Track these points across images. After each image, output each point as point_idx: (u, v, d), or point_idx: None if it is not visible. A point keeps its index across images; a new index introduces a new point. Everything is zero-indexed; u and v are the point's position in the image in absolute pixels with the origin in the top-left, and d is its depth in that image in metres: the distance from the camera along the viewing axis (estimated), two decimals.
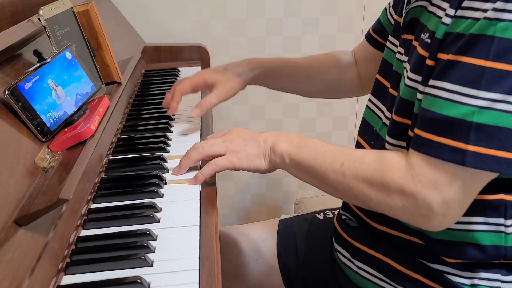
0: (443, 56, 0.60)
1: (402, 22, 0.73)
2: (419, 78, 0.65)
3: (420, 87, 0.64)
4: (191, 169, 0.80)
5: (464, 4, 0.59)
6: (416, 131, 0.62)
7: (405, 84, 0.68)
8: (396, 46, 0.78)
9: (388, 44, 0.82)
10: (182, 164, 0.80)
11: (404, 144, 0.70)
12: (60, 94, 0.75)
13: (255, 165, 0.75)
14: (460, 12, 0.60)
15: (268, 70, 0.99)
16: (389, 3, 0.90)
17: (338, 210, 0.90)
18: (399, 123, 0.69)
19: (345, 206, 0.86)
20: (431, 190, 0.59)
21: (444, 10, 0.62)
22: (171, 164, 0.84)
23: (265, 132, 0.77)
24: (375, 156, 0.66)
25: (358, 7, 1.57)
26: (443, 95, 0.59)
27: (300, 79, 1.01)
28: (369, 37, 0.96)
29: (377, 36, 0.93)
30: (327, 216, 0.99)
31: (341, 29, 1.59)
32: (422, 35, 0.66)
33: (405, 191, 0.61)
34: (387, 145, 0.73)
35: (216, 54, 1.55)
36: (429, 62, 0.63)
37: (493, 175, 0.61)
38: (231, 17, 1.53)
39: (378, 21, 0.94)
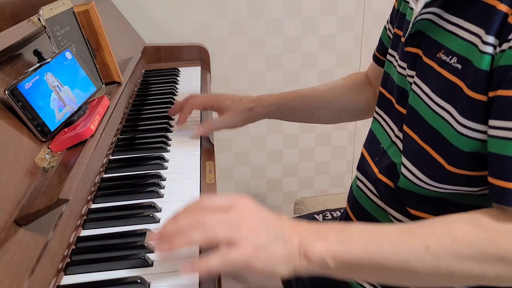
0: (509, 92, 0.53)
1: (406, 35, 0.70)
2: (450, 108, 0.60)
3: (459, 117, 0.59)
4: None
5: None
6: (495, 181, 0.55)
7: (433, 110, 0.63)
8: (396, 59, 0.76)
9: (388, 57, 0.81)
10: (174, 244, 0.54)
11: (421, 169, 0.65)
12: (60, 94, 0.75)
13: (271, 271, 0.55)
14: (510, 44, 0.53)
15: (281, 106, 0.98)
16: (387, 20, 0.89)
17: (338, 217, 0.89)
18: (426, 151, 0.65)
19: (346, 216, 0.85)
20: None
21: (477, 35, 0.57)
22: (171, 164, 0.84)
23: (286, 220, 0.58)
24: (464, 224, 0.55)
25: (358, 7, 1.57)
26: None
27: (314, 110, 0.99)
28: (375, 58, 0.95)
29: (381, 56, 0.92)
30: (326, 217, 0.99)
31: (341, 29, 1.59)
32: (443, 56, 0.62)
33: None
34: (403, 169, 0.68)
35: (216, 54, 1.55)
36: (474, 95, 0.57)
37: None
38: (231, 17, 1.53)
39: (380, 41, 0.92)
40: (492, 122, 0.55)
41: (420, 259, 0.54)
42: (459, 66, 0.59)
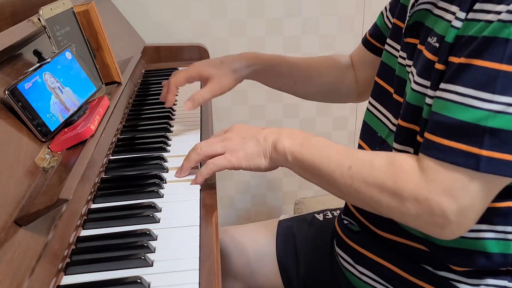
0: (454, 59, 0.59)
1: (405, 26, 0.72)
2: (427, 83, 0.64)
3: (430, 92, 0.63)
4: (193, 169, 0.80)
5: (476, 6, 0.58)
6: (427, 135, 0.61)
7: (412, 89, 0.67)
8: (398, 51, 0.77)
9: (387, 47, 0.82)
10: (183, 167, 0.79)
11: (411, 150, 0.69)
12: (60, 94, 0.75)
13: (255, 164, 0.73)
14: (472, 15, 0.58)
15: (266, 68, 0.97)
16: (385, 7, 0.89)
17: (339, 213, 0.90)
18: (406, 129, 0.69)
19: (347, 210, 0.85)
20: (446, 197, 0.58)
21: (454, 13, 0.61)
22: (171, 164, 0.84)
23: (265, 129, 0.75)
24: (385, 160, 0.64)
25: (358, 7, 1.57)
26: (455, 98, 0.58)
27: (297, 79, 1.00)
28: (365, 42, 0.95)
29: (375, 40, 0.92)
30: (327, 216, 0.99)
31: (341, 29, 1.59)
32: (429, 39, 0.65)
33: (419, 198, 0.59)
34: (394, 152, 0.71)
35: (216, 54, 1.54)
36: (438, 66, 0.62)
37: (507, 181, 0.59)
38: (231, 17, 1.53)
39: (375, 25, 0.93)
40: (441, 85, 0.61)
41: (341, 173, 0.65)
42: (437, 45, 0.63)
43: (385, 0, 0.93)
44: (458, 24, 0.60)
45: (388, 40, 0.81)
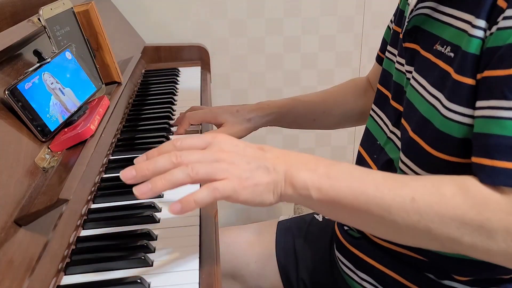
0: (497, 72, 0.53)
1: (403, 31, 0.71)
2: (440, 95, 0.60)
3: (447, 103, 0.58)
4: None
5: (507, 13, 0.52)
6: (484, 161, 0.53)
7: (425, 99, 0.62)
8: (395, 56, 0.76)
9: (387, 54, 0.81)
10: (156, 185, 0.53)
11: (415, 163, 0.65)
12: (60, 94, 0.75)
13: (260, 200, 0.56)
14: (503, 23, 0.53)
15: (282, 114, 0.96)
16: (391, 20, 0.89)
17: None
18: (415, 141, 0.64)
19: None
20: None
21: (468, 22, 0.57)
22: None
23: (267, 151, 0.59)
24: (453, 185, 0.54)
25: (358, 7, 1.57)
26: (509, 115, 0.51)
27: (316, 116, 0.98)
28: (378, 59, 0.94)
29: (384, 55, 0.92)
30: (326, 217, 0.99)
31: (341, 29, 1.59)
32: (438, 47, 0.62)
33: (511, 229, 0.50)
34: (401, 164, 0.68)
35: (216, 54, 1.55)
36: (462, 79, 0.57)
37: None
38: (231, 17, 1.53)
39: (383, 41, 0.91)
40: (478, 103, 0.55)
41: (403, 209, 0.53)
42: (452, 55, 0.60)
43: (385, 0, 0.93)
44: (479, 33, 0.55)
45: (389, 47, 0.81)
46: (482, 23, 0.55)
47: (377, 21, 1.58)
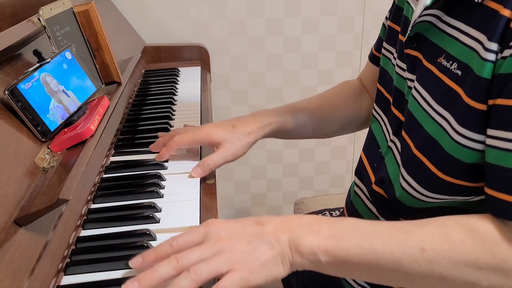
0: (509, 102, 0.51)
1: (406, 38, 0.68)
2: (448, 114, 0.58)
3: (456, 126, 0.57)
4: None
5: None
6: (499, 195, 0.52)
7: (430, 116, 0.61)
8: (392, 54, 0.74)
9: (383, 51, 0.79)
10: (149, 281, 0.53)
11: (417, 182, 0.63)
12: (60, 94, 0.75)
13: (274, 276, 0.55)
14: None
15: (280, 126, 0.88)
16: (386, 17, 0.87)
17: (337, 215, 0.89)
18: (420, 160, 0.63)
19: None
20: None
21: (480, 42, 0.55)
22: (171, 164, 0.84)
23: (265, 224, 0.57)
24: (461, 229, 0.53)
25: (358, 7, 1.57)
26: None
27: (315, 124, 0.92)
28: (372, 58, 0.91)
29: (380, 54, 0.90)
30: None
31: (341, 29, 1.59)
32: (443, 61, 0.60)
33: None
34: (402, 181, 0.65)
35: (216, 54, 1.55)
36: (473, 103, 0.55)
37: None
38: (231, 17, 1.53)
39: (379, 39, 0.89)
40: (491, 132, 0.53)
41: (414, 260, 0.53)
42: (459, 73, 0.57)
43: (385, 0, 0.93)
44: (492, 57, 0.53)
45: (384, 44, 0.79)
46: (494, 46, 0.53)
47: (377, 21, 1.58)
